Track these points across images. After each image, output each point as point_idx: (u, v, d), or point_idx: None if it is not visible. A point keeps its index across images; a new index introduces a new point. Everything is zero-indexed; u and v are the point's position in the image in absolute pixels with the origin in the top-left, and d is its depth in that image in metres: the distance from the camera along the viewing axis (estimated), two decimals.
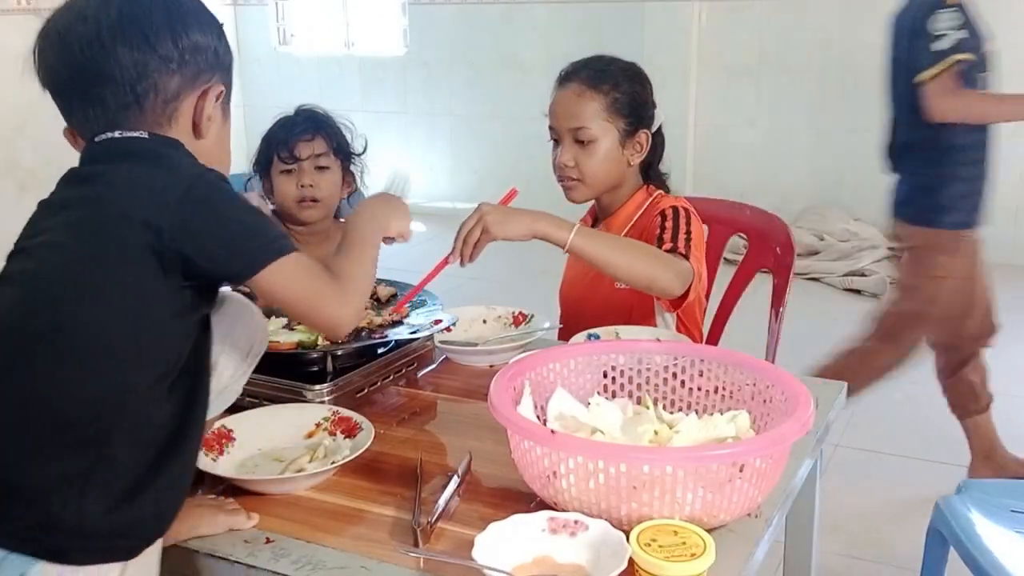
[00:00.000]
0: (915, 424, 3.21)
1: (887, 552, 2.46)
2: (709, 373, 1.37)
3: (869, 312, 3.00)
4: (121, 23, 1.09)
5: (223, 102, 1.20)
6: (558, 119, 1.87)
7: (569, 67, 1.90)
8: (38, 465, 1.01)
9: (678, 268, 1.69)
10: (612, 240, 1.72)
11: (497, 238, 1.58)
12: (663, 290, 1.69)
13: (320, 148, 1.98)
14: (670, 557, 1.01)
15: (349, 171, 2.06)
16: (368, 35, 6.53)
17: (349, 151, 2.04)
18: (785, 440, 1.14)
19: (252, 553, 1.14)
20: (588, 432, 1.25)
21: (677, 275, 1.68)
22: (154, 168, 1.09)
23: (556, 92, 1.89)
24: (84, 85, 1.11)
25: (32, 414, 1.02)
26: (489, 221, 1.57)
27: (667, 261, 1.69)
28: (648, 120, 1.89)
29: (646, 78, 1.92)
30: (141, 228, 1.03)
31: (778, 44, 5.36)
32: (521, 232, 1.59)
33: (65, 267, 1.05)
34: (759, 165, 5.53)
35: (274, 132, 2.00)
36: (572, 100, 1.85)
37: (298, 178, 1.97)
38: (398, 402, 1.60)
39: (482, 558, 1.03)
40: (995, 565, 1.56)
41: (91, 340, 1.03)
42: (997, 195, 5.11)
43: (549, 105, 1.90)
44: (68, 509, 1.00)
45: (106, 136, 1.11)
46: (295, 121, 2.01)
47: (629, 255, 1.66)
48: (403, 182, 1.56)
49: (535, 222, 1.60)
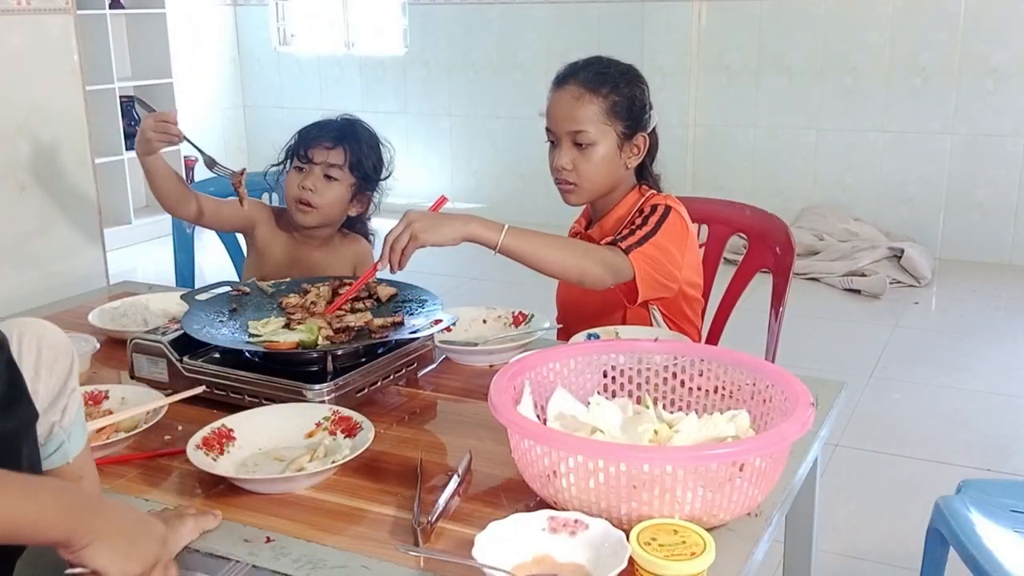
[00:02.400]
0: (915, 424, 3.21)
1: (887, 552, 2.46)
2: (709, 373, 1.37)
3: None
4: None
5: None
6: (556, 122, 1.86)
7: (566, 68, 1.88)
8: None
9: (609, 262, 1.70)
10: (542, 238, 1.69)
11: (426, 244, 1.59)
12: (593, 284, 1.71)
13: (336, 159, 1.98)
14: (670, 556, 1.01)
15: (365, 191, 2.04)
16: (368, 35, 6.53)
17: (367, 172, 2.02)
18: (785, 439, 1.14)
19: (252, 552, 1.14)
20: (588, 432, 1.25)
21: (606, 268, 1.70)
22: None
23: (553, 94, 1.87)
24: None
25: None
26: (417, 228, 1.58)
27: (597, 255, 1.71)
28: (646, 123, 1.89)
29: (643, 80, 1.91)
30: None
31: (778, 44, 5.36)
32: (451, 236, 1.60)
33: None
34: (759, 165, 5.53)
35: (306, 129, 2.02)
36: (570, 103, 1.83)
37: (304, 179, 1.98)
38: (398, 402, 1.60)
39: (482, 557, 1.03)
40: (995, 565, 1.56)
41: None
42: (997, 195, 5.15)
43: (546, 107, 1.88)
44: None
45: None
46: (328, 125, 2.01)
47: (558, 252, 1.68)
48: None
49: (466, 225, 1.60)
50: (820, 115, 5.36)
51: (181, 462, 1.35)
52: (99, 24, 5.48)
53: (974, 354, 3.85)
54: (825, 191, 5.41)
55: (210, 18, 6.68)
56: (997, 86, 4.94)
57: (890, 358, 3.80)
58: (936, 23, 4.99)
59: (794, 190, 5.43)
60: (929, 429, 3.17)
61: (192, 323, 1.61)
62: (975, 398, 3.42)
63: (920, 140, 5.15)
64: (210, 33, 6.68)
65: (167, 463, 1.38)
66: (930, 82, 5.06)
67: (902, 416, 3.28)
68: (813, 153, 5.42)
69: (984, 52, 4.92)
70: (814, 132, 5.40)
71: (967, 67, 4.97)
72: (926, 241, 5.06)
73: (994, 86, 4.94)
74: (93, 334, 1.80)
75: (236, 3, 6.83)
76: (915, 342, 3.99)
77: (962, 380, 3.58)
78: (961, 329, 4.15)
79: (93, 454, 1.34)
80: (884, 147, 5.24)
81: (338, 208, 2.03)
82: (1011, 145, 4.97)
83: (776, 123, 5.47)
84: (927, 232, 5.15)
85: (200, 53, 6.57)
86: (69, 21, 2.34)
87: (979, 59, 4.93)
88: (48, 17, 2.28)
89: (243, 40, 6.86)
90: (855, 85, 5.23)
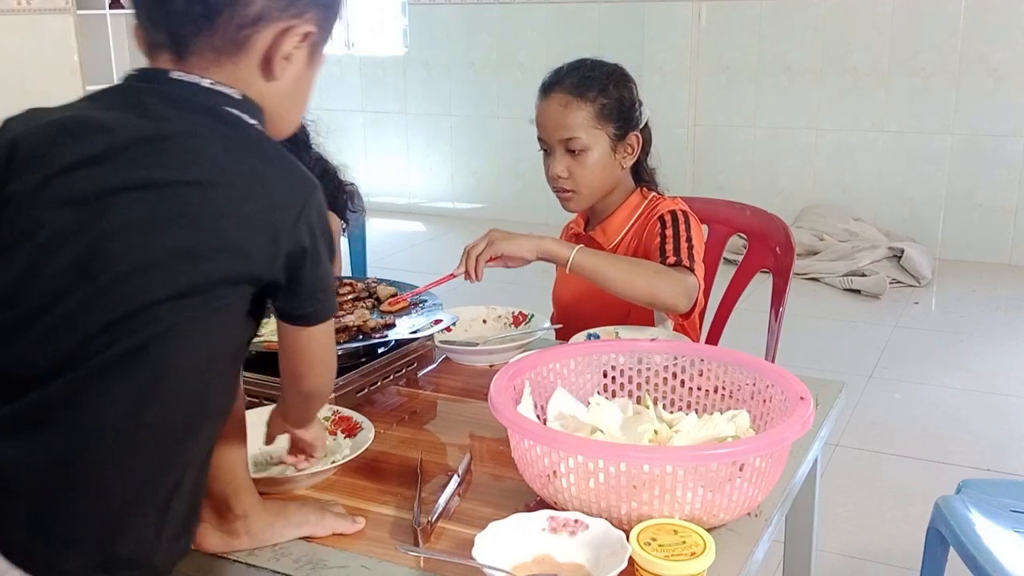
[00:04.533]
0: (915, 424, 3.21)
1: (887, 552, 2.46)
2: (709, 373, 1.37)
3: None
4: None
5: (312, 44, 1.04)
6: (546, 130, 1.85)
7: (551, 76, 1.86)
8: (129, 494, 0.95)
9: (683, 284, 1.68)
10: (613, 258, 1.73)
11: (501, 253, 1.67)
12: (666, 306, 1.70)
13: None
14: (670, 556, 1.01)
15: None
16: (368, 35, 6.53)
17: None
18: (785, 439, 1.14)
19: (252, 552, 1.14)
20: (588, 432, 1.25)
21: (681, 291, 1.67)
22: (264, 165, 0.97)
23: (540, 103, 1.85)
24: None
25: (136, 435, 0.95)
26: (495, 236, 1.67)
27: (669, 277, 1.68)
28: (636, 121, 1.88)
29: (631, 79, 1.89)
30: (241, 256, 0.95)
31: (778, 44, 5.36)
32: (527, 247, 1.67)
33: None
34: (759, 165, 5.54)
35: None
36: (559, 111, 1.82)
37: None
38: (398, 402, 1.60)
39: (482, 557, 1.03)
40: (995, 565, 1.56)
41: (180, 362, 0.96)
42: (997, 195, 5.15)
43: (535, 115, 1.87)
44: (143, 544, 0.96)
45: (186, 78, 0.98)
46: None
47: (628, 272, 1.68)
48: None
49: (540, 240, 1.69)
50: (820, 115, 5.36)
51: None
52: (99, 24, 5.46)
53: (974, 354, 3.85)
54: (825, 191, 5.41)
55: None
56: (997, 86, 4.94)
57: (890, 358, 3.80)
58: (936, 23, 4.99)
59: (794, 190, 5.43)
60: (929, 429, 3.17)
61: None
62: (975, 398, 3.42)
63: (920, 140, 5.15)
64: None
65: None
66: (930, 82, 5.06)
67: (902, 416, 3.29)
68: (813, 153, 5.42)
69: (984, 52, 4.92)
70: (814, 132, 5.40)
71: (967, 67, 4.97)
72: (926, 241, 5.06)
73: (994, 86, 4.94)
74: None
75: None
76: (915, 342, 3.99)
77: (962, 380, 3.58)
78: (961, 329, 4.15)
79: None
80: (884, 147, 5.24)
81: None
82: (1011, 145, 4.97)
83: (776, 123, 5.47)
84: (927, 232, 5.15)
85: None
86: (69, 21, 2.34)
87: (979, 59, 4.93)
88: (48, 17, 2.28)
89: None
90: (855, 85, 5.23)
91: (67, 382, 0.91)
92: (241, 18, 0.97)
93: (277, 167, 0.98)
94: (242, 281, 0.96)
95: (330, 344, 1.09)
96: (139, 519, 0.96)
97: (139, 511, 0.96)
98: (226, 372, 1.02)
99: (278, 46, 1.00)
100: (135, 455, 0.95)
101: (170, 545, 1.01)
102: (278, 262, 0.96)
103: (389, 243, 5.57)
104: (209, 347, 0.97)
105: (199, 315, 0.94)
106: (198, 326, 0.94)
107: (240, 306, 0.98)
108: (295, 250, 0.97)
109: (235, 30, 0.97)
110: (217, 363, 0.99)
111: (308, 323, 1.04)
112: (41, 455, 0.91)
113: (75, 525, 0.93)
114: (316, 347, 1.07)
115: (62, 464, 0.92)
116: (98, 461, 0.93)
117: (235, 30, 0.97)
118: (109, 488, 0.94)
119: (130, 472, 0.95)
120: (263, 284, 0.98)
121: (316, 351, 1.07)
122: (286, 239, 0.96)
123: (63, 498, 0.92)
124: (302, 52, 1.03)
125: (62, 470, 0.92)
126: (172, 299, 0.92)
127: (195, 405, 0.98)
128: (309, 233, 0.97)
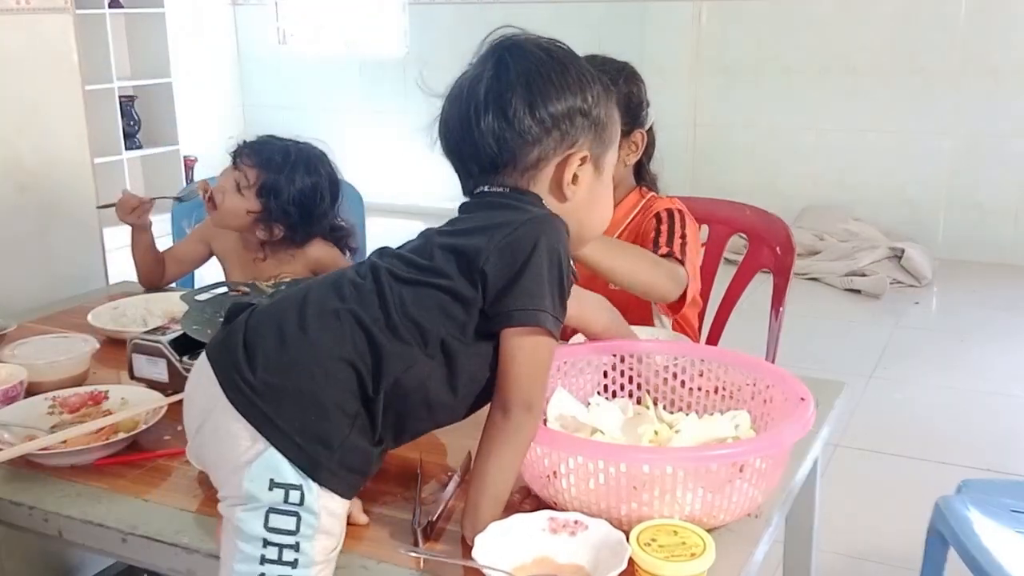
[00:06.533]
0: (915, 424, 3.21)
1: (887, 552, 2.46)
2: (709, 373, 1.37)
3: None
4: (485, 101, 1.21)
5: (593, 160, 1.23)
6: None
7: None
8: (338, 393, 1.07)
9: (673, 273, 1.71)
10: (618, 246, 1.72)
11: None
12: (660, 295, 1.71)
13: (245, 180, 1.94)
14: (670, 557, 1.01)
15: (278, 220, 1.96)
16: (368, 35, 6.53)
17: (280, 203, 1.94)
18: (785, 440, 1.14)
19: None
20: (588, 432, 1.25)
21: (673, 280, 1.70)
22: (500, 212, 1.18)
23: None
24: (459, 154, 1.25)
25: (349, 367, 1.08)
26: None
27: (664, 267, 1.70)
28: (643, 120, 1.88)
29: (639, 77, 1.90)
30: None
31: (778, 44, 5.36)
32: None
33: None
34: (759, 165, 5.53)
35: (257, 138, 2.00)
36: None
37: (224, 175, 1.98)
38: None
39: (482, 558, 1.03)
40: (995, 565, 1.56)
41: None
42: (997, 195, 5.15)
43: None
44: (340, 433, 1.06)
45: (477, 189, 1.24)
46: (272, 145, 1.98)
47: (632, 261, 1.68)
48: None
49: None
50: (820, 115, 5.36)
51: (181, 462, 1.35)
52: (98, 24, 5.48)
53: (974, 354, 3.85)
54: (825, 191, 5.41)
55: (210, 17, 6.68)
56: (997, 86, 4.94)
57: (890, 358, 3.80)
58: (936, 23, 4.99)
59: (794, 190, 5.43)
60: (929, 429, 3.17)
61: (191, 323, 1.60)
62: (975, 398, 3.42)
63: (920, 140, 5.15)
64: (210, 33, 6.69)
65: (167, 463, 1.37)
66: (930, 82, 5.06)
67: (902, 416, 3.29)
68: (813, 153, 5.42)
69: (984, 52, 4.92)
70: (814, 132, 5.40)
71: (967, 67, 4.97)
72: (926, 241, 5.05)
73: (994, 86, 4.94)
74: (92, 334, 1.79)
75: (236, 2, 6.83)
76: (915, 342, 4.00)
77: (962, 380, 3.58)
78: (961, 329, 4.15)
79: (93, 455, 1.34)
80: (884, 147, 5.24)
81: (235, 217, 1.96)
82: (1011, 145, 4.98)
83: (776, 123, 5.47)
84: (927, 232, 5.15)
85: (199, 53, 6.57)
86: (68, 21, 2.34)
87: (979, 59, 4.93)
88: (47, 17, 2.27)
89: (243, 39, 6.87)
90: (855, 85, 5.23)
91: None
92: (524, 166, 1.19)
93: (510, 208, 1.21)
94: None
95: (538, 359, 1.15)
96: (338, 409, 1.07)
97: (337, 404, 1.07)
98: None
99: (561, 174, 1.20)
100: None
101: (358, 452, 1.09)
102: None
103: (389, 243, 5.55)
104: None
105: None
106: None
107: None
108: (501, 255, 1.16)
109: (519, 175, 1.20)
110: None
111: (504, 322, 1.15)
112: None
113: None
114: (517, 354, 1.14)
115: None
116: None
117: (519, 175, 1.20)
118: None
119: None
120: None
121: (518, 359, 1.14)
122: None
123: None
124: (586, 170, 1.22)
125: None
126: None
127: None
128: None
